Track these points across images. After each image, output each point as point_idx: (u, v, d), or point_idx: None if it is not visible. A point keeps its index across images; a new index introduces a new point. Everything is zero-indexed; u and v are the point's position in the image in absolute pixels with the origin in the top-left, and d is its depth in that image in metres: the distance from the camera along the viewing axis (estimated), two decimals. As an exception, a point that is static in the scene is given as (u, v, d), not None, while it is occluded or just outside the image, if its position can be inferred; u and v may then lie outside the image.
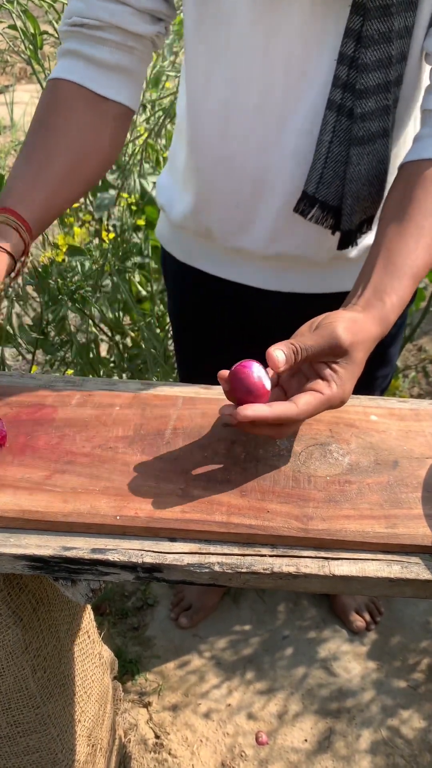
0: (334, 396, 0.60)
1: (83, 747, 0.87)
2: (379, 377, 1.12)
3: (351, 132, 0.76)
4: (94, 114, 0.76)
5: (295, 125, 0.79)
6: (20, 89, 4.18)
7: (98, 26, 0.75)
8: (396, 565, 0.55)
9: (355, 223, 0.84)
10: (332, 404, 0.61)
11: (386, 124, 0.77)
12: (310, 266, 0.92)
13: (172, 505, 0.58)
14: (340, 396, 0.61)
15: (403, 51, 0.74)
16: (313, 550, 0.56)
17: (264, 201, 0.85)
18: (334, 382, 0.60)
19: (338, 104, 0.75)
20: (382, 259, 0.68)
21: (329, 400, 0.60)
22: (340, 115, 0.75)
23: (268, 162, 0.82)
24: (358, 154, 0.77)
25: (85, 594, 0.59)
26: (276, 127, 0.80)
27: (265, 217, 0.87)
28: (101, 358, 1.55)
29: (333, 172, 0.78)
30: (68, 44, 0.77)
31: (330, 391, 0.60)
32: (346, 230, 0.83)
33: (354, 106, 0.74)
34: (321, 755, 1.28)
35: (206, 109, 0.83)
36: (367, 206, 0.83)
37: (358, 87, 0.73)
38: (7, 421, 0.68)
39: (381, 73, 0.73)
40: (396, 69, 0.74)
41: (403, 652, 1.45)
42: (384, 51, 0.72)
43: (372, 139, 0.77)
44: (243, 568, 0.55)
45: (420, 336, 2.38)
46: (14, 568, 0.57)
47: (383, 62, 0.73)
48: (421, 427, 0.69)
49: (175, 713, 1.35)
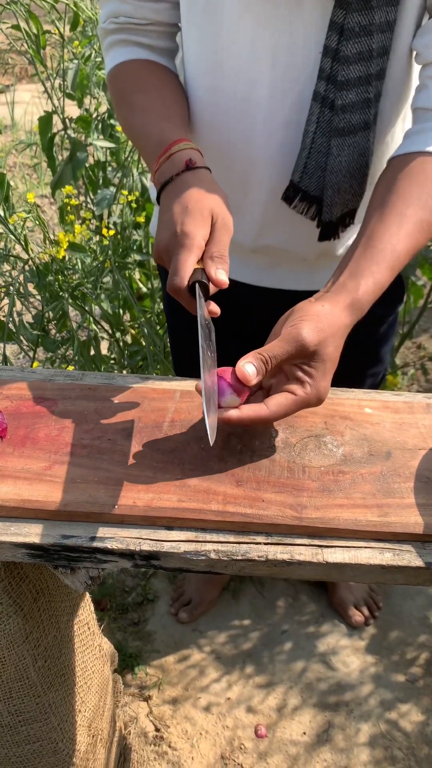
0: (309, 396, 0.62)
1: (84, 737, 0.89)
2: (370, 376, 1.12)
3: (332, 123, 0.77)
4: (172, 78, 0.85)
5: (282, 117, 0.80)
6: (21, 89, 4.19)
7: (147, 23, 0.83)
8: (388, 553, 0.56)
9: (336, 216, 0.85)
10: (308, 403, 0.63)
11: (367, 117, 0.78)
12: (298, 262, 0.93)
13: (169, 494, 0.60)
14: (315, 395, 0.63)
15: (385, 45, 0.75)
16: (306, 538, 0.57)
17: (251, 192, 0.87)
18: (307, 384, 0.62)
19: (322, 96, 0.76)
20: (362, 245, 0.69)
21: (303, 401, 0.62)
22: (323, 106, 0.77)
23: (255, 153, 0.83)
24: (338, 145, 0.78)
25: (84, 582, 0.61)
26: (263, 119, 0.81)
27: (252, 209, 0.88)
28: (102, 355, 1.56)
29: (315, 163, 0.80)
30: (119, 36, 0.85)
31: (303, 392, 0.62)
32: (327, 221, 0.84)
33: (335, 97, 0.76)
34: (320, 748, 1.30)
35: (196, 97, 0.85)
36: (348, 199, 0.84)
37: (339, 79, 0.75)
38: (7, 414, 0.69)
39: (362, 65, 0.74)
40: (377, 63, 0.75)
41: (401, 647, 1.47)
42: (365, 44, 0.73)
43: (353, 131, 0.78)
44: (238, 556, 0.56)
45: (419, 333, 2.39)
46: (14, 556, 0.58)
47: (363, 55, 0.74)
48: (415, 419, 0.70)
49: (175, 707, 1.36)
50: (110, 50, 0.86)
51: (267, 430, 0.68)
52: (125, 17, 0.83)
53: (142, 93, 0.81)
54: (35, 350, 1.42)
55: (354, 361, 1.10)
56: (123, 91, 0.83)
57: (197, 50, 0.82)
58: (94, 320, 1.46)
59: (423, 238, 0.71)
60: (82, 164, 1.52)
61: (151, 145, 0.74)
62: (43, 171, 3.37)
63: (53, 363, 1.57)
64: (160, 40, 0.85)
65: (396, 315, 1.09)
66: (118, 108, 0.84)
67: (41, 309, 1.36)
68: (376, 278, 0.67)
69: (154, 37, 0.85)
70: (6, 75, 4.40)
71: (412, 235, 0.69)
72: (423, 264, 1.58)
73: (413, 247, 0.70)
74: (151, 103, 0.80)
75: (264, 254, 0.93)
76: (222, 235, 0.65)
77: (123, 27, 0.84)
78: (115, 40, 0.85)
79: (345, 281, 0.67)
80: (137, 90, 0.82)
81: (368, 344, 1.08)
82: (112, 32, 0.86)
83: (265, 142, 0.82)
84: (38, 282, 1.30)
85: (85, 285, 1.34)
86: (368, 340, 1.07)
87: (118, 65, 0.85)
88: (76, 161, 1.51)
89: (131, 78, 0.84)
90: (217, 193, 0.68)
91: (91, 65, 1.55)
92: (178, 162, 0.70)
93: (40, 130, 1.54)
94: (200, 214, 0.65)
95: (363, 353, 1.09)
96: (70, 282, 1.32)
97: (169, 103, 0.80)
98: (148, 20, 0.83)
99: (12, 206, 1.34)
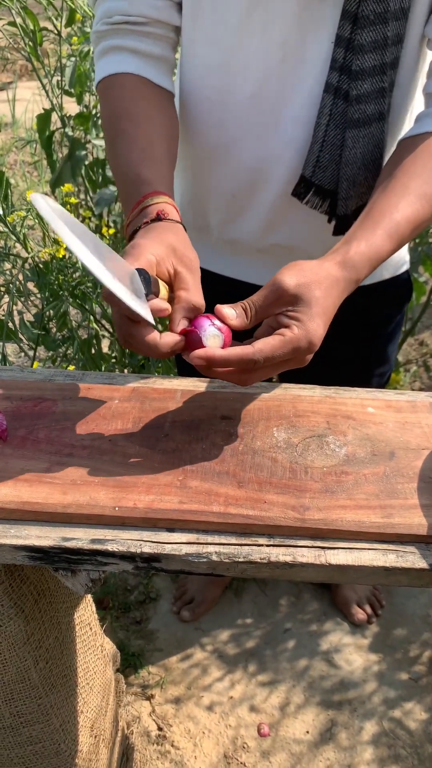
0: (297, 336, 0.59)
1: (86, 738, 0.88)
2: (377, 375, 1.12)
3: (347, 115, 0.76)
4: (163, 101, 0.80)
5: (291, 113, 0.79)
6: (21, 86, 4.18)
7: (143, 22, 0.78)
8: (392, 554, 0.56)
9: (351, 209, 0.84)
10: (298, 345, 0.60)
11: (382, 107, 0.77)
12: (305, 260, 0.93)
13: (171, 496, 0.59)
14: (304, 335, 0.60)
15: (399, 33, 0.74)
16: (309, 540, 0.57)
17: (260, 190, 0.86)
18: (294, 325, 0.60)
19: (335, 87, 0.75)
20: (361, 217, 0.69)
21: (292, 341, 0.59)
22: (336, 98, 0.76)
23: (264, 151, 0.83)
24: (353, 137, 0.77)
25: (84, 584, 0.60)
26: (273, 115, 0.80)
27: (260, 207, 0.87)
28: (103, 353, 1.56)
29: (329, 156, 0.79)
30: (111, 41, 0.79)
31: (291, 332, 0.59)
32: (342, 215, 0.83)
33: (350, 88, 0.75)
34: (323, 747, 1.29)
35: (203, 96, 0.83)
36: (362, 191, 0.83)
37: (353, 68, 0.74)
38: (7, 415, 0.69)
39: (377, 54, 0.74)
40: (392, 51, 0.75)
41: (404, 645, 1.46)
42: (380, 32, 0.72)
43: (368, 122, 0.77)
44: (240, 558, 0.55)
45: (421, 330, 2.38)
46: (14, 558, 0.57)
47: (379, 43, 0.73)
48: (418, 418, 0.69)
49: (177, 705, 1.36)
50: (101, 58, 0.81)
51: (269, 430, 0.67)
52: (120, 15, 0.78)
53: (130, 122, 0.76)
54: (36, 349, 1.41)
55: (361, 361, 1.10)
56: (111, 114, 0.78)
57: (204, 50, 0.80)
58: (94, 319, 1.45)
59: (426, 210, 0.70)
60: (81, 162, 1.52)
61: (126, 193, 0.72)
62: (44, 169, 3.36)
63: (54, 362, 1.56)
64: (156, 46, 0.79)
65: (403, 314, 1.09)
66: (104, 129, 0.80)
67: (42, 308, 1.35)
68: (370, 242, 0.66)
69: (150, 41, 0.79)
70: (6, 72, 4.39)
71: (412, 205, 0.69)
72: (425, 261, 1.57)
73: (415, 217, 0.69)
74: (137, 138, 0.75)
75: (271, 254, 0.92)
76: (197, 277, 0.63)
77: (117, 28, 0.79)
78: (108, 46, 0.79)
79: (339, 246, 0.67)
80: (125, 116, 0.76)
81: (376, 344, 1.08)
82: (105, 36, 0.80)
83: (274, 138, 0.81)
84: (38, 281, 1.29)
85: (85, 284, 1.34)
86: (376, 339, 1.07)
87: (109, 77, 0.79)
88: (75, 159, 1.50)
89: (120, 100, 0.78)
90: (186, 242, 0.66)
91: (90, 62, 1.54)
92: (150, 213, 0.67)
93: (39, 127, 1.54)
94: (159, 239, 0.63)
95: (370, 353, 1.09)
96: (70, 281, 1.31)
97: (155, 138, 0.75)
98: (144, 18, 0.78)
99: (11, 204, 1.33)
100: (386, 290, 1.01)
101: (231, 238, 0.93)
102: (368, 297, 0.97)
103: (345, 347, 0.99)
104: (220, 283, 0.98)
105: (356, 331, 1.01)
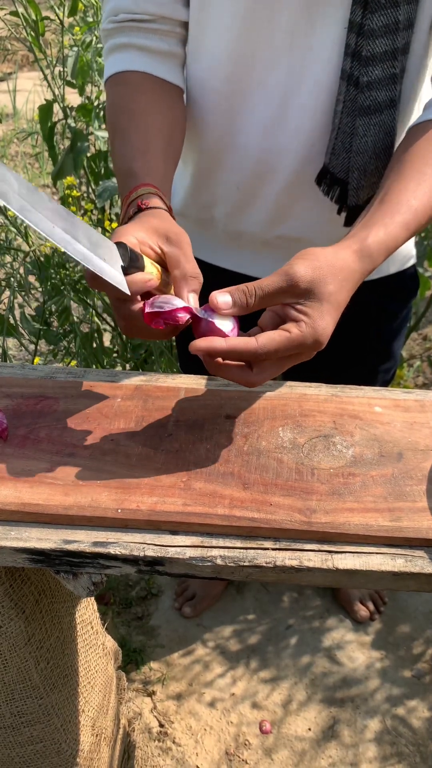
0: (304, 334, 0.57)
1: (87, 736, 0.88)
2: (382, 371, 1.11)
3: (357, 102, 0.74)
4: (166, 96, 0.79)
5: (298, 101, 0.78)
6: (22, 77, 4.15)
7: (148, 19, 0.77)
8: (400, 559, 0.55)
9: (363, 199, 0.82)
10: (304, 344, 0.57)
11: (393, 94, 0.76)
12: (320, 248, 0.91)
13: (174, 497, 0.58)
14: (311, 334, 0.57)
15: (410, 17, 0.72)
16: (316, 544, 0.56)
17: (266, 180, 0.84)
18: (302, 322, 0.57)
19: (348, 73, 0.74)
20: (377, 201, 0.67)
21: (297, 339, 0.57)
22: (349, 84, 0.74)
23: (271, 141, 0.81)
24: (364, 125, 0.76)
25: (86, 587, 0.59)
26: (280, 105, 0.79)
27: (267, 198, 0.86)
28: (104, 348, 1.55)
29: (341, 144, 0.77)
30: (118, 39, 0.79)
31: (298, 329, 0.57)
32: (353, 205, 0.82)
33: (360, 74, 0.73)
34: (325, 744, 1.29)
35: (210, 88, 0.82)
36: (374, 181, 0.81)
37: (364, 54, 0.72)
38: (7, 413, 0.67)
39: (388, 39, 0.72)
40: (403, 36, 0.73)
41: (407, 642, 1.45)
42: (391, 15, 0.71)
43: (379, 109, 0.76)
44: (245, 562, 0.54)
45: (425, 325, 2.37)
46: (15, 561, 0.56)
47: (390, 28, 0.71)
48: (426, 418, 0.68)
49: (179, 702, 1.35)
50: (109, 57, 0.81)
51: (274, 429, 0.66)
52: (125, 13, 0.78)
53: (127, 117, 0.75)
54: (37, 343, 1.40)
55: (367, 357, 1.08)
56: (112, 110, 0.78)
57: (211, 40, 0.79)
58: (96, 313, 1.44)
59: None
60: (83, 154, 1.50)
61: (121, 188, 0.72)
62: (45, 160, 3.33)
63: (55, 356, 1.55)
64: (163, 42, 0.79)
65: (409, 310, 1.07)
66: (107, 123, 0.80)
67: (43, 302, 1.34)
68: (388, 230, 0.64)
69: (157, 38, 0.78)
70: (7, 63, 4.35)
71: (430, 193, 0.67)
72: (430, 255, 1.55)
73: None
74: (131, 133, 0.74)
75: (276, 246, 0.91)
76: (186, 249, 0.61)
77: (124, 26, 0.78)
78: (115, 44, 0.79)
79: (356, 232, 0.64)
80: (123, 113, 0.76)
81: (382, 340, 1.06)
82: (112, 34, 0.80)
83: (281, 128, 0.80)
84: (39, 274, 1.28)
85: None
86: (382, 335, 1.06)
87: (115, 75, 0.79)
88: (77, 151, 1.48)
89: (121, 97, 0.78)
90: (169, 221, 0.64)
91: (92, 52, 1.52)
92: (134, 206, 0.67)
93: (41, 119, 1.52)
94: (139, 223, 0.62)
95: (376, 349, 1.07)
96: (71, 275, 1.30)
97: (150, 132, 0.74)
98: (149, 15, 0.77)
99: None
100: (392, 285, 1.00)
101: (236, 231, 0.91)
102: (374, 292, 0.95)
103: (350, 343, 0.98)
104: (224, 277, 0.96)
105: (361, 327, 1.00)
